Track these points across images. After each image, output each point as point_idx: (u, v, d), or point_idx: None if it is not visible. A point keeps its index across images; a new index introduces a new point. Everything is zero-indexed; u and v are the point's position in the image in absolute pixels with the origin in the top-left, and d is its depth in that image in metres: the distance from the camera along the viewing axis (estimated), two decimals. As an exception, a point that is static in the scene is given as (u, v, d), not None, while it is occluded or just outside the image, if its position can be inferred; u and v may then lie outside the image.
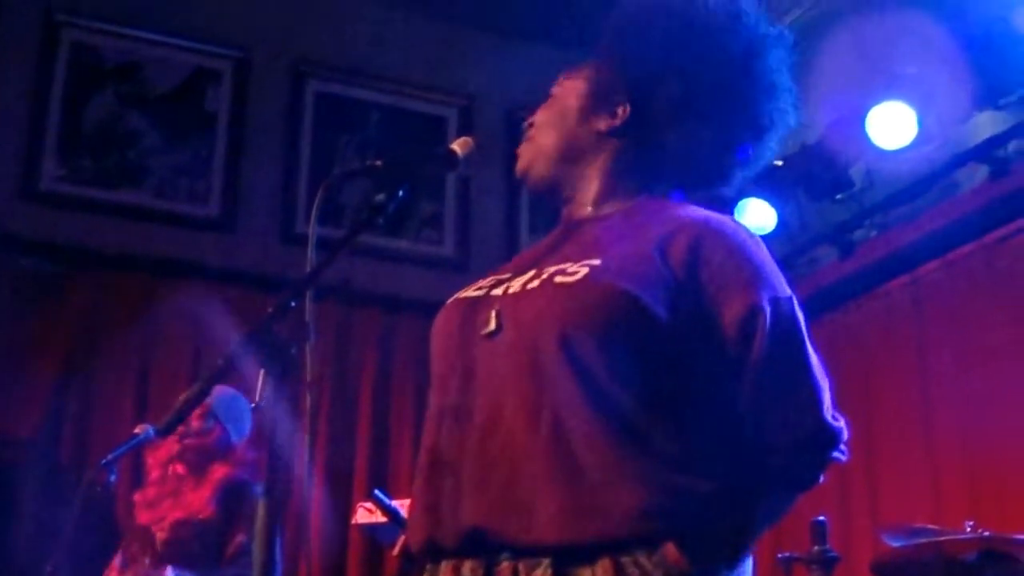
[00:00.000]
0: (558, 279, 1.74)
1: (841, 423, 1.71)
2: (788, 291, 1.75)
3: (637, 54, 1.93)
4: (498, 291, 1.81)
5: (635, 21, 1.97)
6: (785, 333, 1.71)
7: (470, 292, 1.88)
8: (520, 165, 1.99)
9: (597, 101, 1.95)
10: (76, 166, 5.13)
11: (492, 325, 1.75)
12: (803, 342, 1.73)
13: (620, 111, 1.93)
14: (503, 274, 1.88)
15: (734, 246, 1.75)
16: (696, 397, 1.70)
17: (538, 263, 1.83)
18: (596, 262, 1.74)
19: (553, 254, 1.85)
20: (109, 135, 5.22)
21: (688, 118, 1.89)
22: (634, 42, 1.94)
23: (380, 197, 1.88)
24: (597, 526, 1.60)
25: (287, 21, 5.64)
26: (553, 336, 1.67)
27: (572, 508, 1.61)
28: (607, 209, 1.91)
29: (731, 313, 1.70)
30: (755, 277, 1.73)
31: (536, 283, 1.76)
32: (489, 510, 1.65)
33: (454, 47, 5.88)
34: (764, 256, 1.78)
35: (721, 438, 1.69)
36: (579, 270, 1.73)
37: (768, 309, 1.70)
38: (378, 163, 1.91)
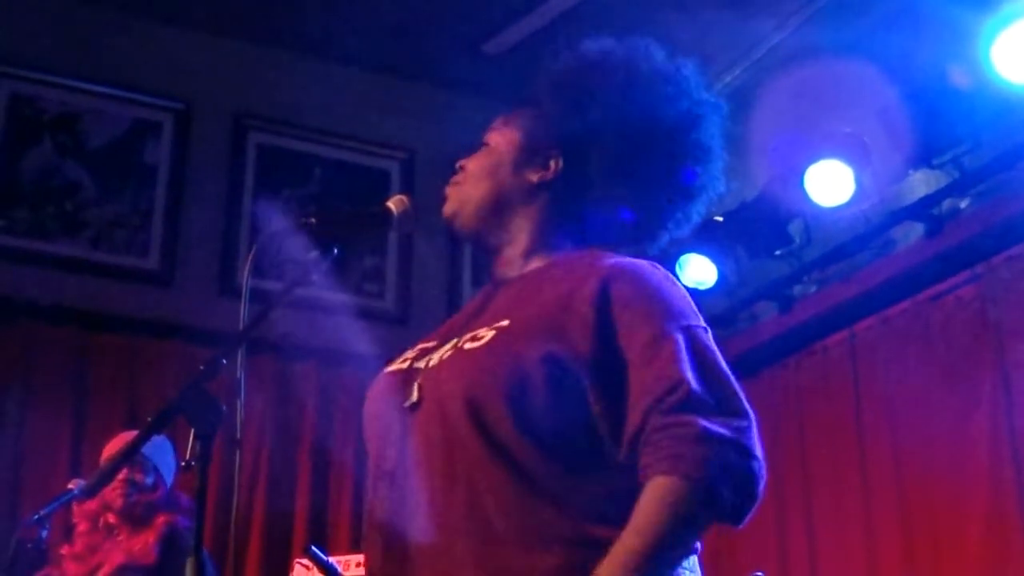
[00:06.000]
0: (467, 346, 1.75)
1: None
2: (701, 322, 1.75)
3: (575, 110, 1.93)
4: (421, 364, 1.82)
5: (576, 76, 1.97)
6: (699, 355, 1.68)
7: (396, 365, 1.89)
8: (447, 208, 1.98)
9: (531, 153, 1.95)
10: (12, 217, 5.06)
11: (414, 397, 1.76)
12: (717, 363, 1.70)
13: (553, 164, 1.94)
14: (430, 342, 1.90)
15: (643, 283, 1.75)
16: (613, 444, 1.68)
17: (461, 329, 1.83)
18: (504, 323, 1.75)
19: (475, 319, 1.86)
20: (47, 186, 5.15)
21: (620, 177, 1.90)
22: (573, 97, 1.95)
23: (314, 255, 1.88)
24: None
25: (229, 73, 5.61)
26: (460, 404, 1.68)
27: (490, 573, 1.62)
28: (532, 265, 1.92)
29: (638, 342, 1.68)
30: (665, 309, 1.72)
31: (450, 352, 1.78)
32: None
33: (396, 100, 5.88)
34: (676, 292, 1.77)
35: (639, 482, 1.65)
36: (486, 334, 1.74)
37: (678, 336, 1.68)
38: (312, 220, 1.90)
